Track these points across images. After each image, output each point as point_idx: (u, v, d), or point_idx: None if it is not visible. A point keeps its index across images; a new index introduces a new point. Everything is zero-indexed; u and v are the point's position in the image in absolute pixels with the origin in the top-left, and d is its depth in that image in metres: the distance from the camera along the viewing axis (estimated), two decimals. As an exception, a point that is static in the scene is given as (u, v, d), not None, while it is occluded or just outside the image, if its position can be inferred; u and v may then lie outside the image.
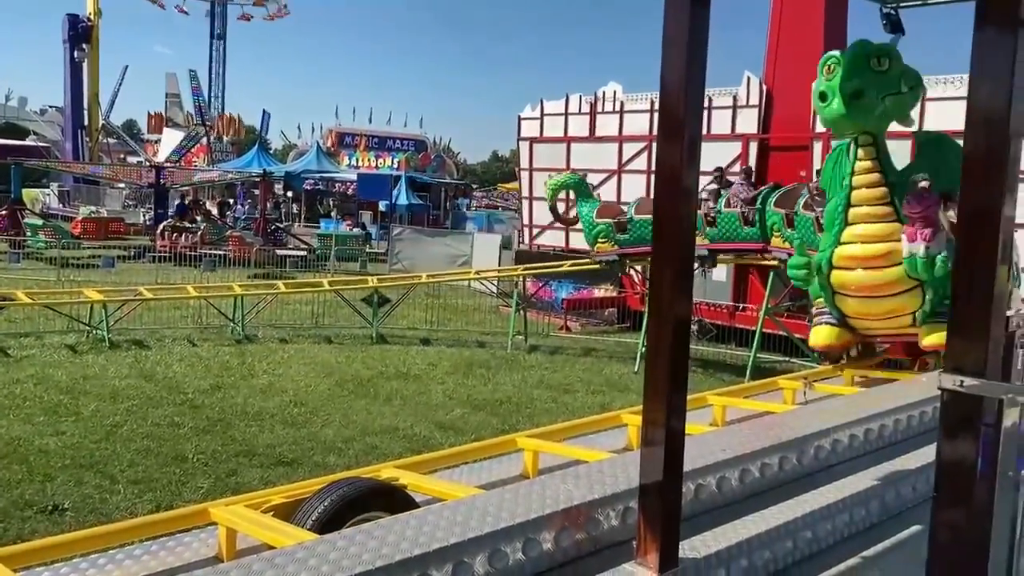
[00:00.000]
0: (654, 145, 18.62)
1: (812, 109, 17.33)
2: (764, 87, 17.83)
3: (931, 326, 5.49)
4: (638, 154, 19.10)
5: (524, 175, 22.82)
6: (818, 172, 7.23)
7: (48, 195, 42.18)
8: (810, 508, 3.20)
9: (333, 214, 39.45)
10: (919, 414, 4.38)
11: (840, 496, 3.35)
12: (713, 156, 16.83)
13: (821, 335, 6.07)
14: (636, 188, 17.79)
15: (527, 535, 2.67)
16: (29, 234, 26.95)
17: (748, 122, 17.65)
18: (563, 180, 12.18)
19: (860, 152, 5.60)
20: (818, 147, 17.09)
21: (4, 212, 28.96)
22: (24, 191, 32.36)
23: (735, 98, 17.96)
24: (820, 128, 17.46)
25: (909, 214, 5.18)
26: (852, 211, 5.68)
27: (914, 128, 5.87)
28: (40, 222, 29.10)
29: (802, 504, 3.24)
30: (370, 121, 51.76)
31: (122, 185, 41.42)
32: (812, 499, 3.30)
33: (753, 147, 17.15)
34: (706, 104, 17.74)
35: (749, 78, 18.09)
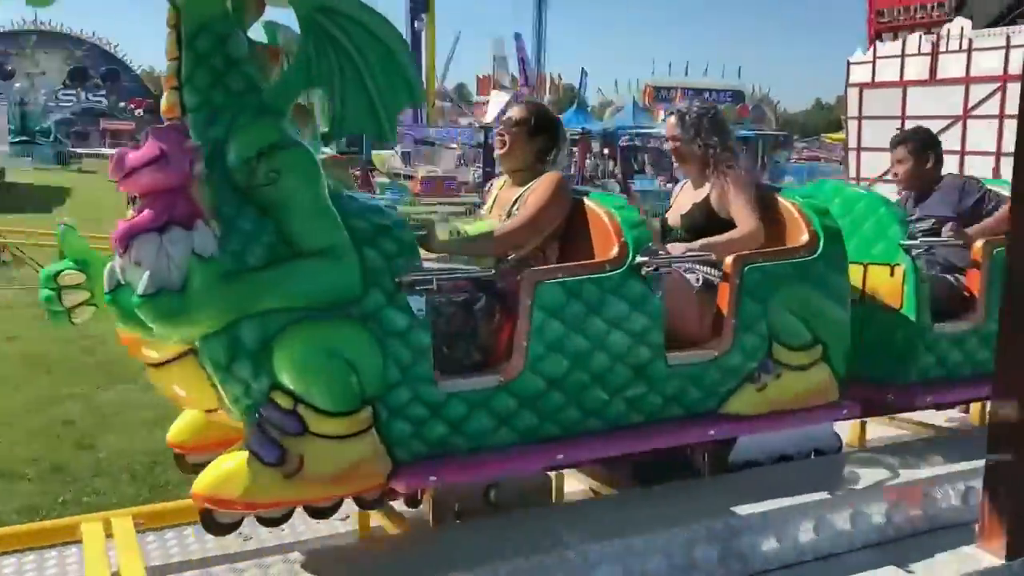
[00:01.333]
0: (1010, 87, 16.63)
1: None
2: None
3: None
4: (989, 96, 17.15)
5: (852, 124, 21.39)
6: None
7: (393, 156, 46.63)
8: None
9: (647, 170, 39.53)
10: None
11: None
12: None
13: (175, 424, 3.01)
14: (984, 137, 16.04)
15: (857, 507, 2.62)
16: (379, 192, 29.97)
17: None
18: None
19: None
20: None
21: (358, 172, 32.42)
22: (374, 153, 36.01)
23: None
24: None
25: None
26: None
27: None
28: (388, 181, 32.26)
29: None
30: (686, 74, 51.08)
31: (454, 146, 44.66)
32: None
33: None
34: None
35: None
